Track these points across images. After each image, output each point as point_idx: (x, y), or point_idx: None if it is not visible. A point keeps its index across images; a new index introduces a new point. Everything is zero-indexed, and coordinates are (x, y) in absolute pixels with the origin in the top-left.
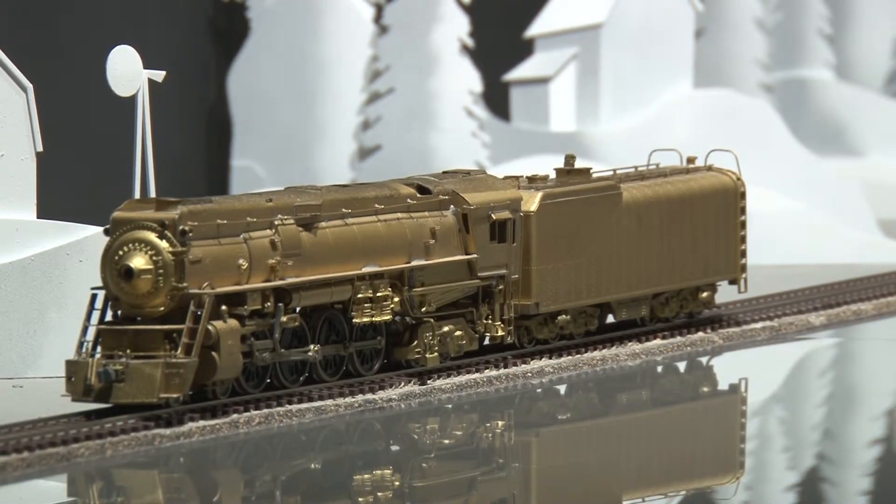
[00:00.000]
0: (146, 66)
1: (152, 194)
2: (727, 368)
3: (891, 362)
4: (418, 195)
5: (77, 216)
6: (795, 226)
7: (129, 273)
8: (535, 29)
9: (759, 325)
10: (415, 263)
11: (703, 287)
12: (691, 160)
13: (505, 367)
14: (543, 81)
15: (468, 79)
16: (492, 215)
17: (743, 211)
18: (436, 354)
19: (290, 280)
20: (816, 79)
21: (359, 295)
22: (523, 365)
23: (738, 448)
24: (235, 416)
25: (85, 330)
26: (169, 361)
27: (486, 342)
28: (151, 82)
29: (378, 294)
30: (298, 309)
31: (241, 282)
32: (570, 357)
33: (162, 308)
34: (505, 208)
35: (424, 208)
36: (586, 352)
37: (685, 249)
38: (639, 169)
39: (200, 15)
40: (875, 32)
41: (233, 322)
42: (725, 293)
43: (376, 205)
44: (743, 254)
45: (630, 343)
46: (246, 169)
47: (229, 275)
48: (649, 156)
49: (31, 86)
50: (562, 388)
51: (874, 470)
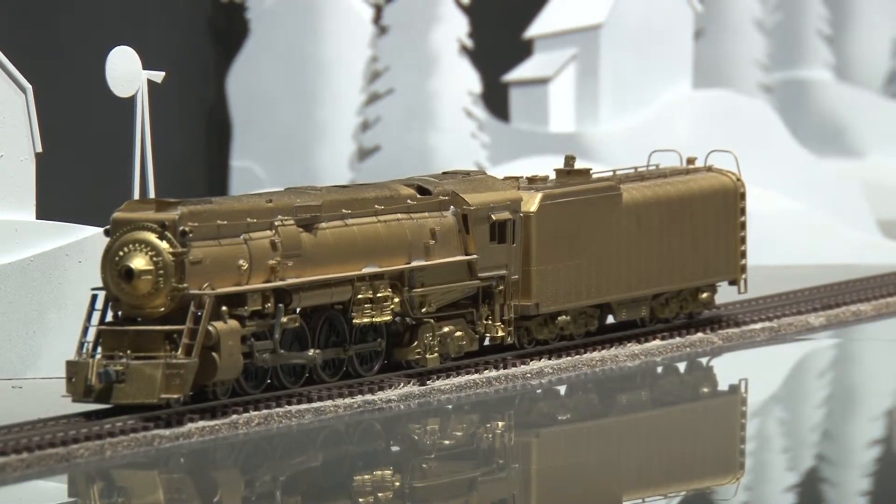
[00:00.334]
0: (145, 67)
1: (152, 195)
2: (727, 369)
3: (890, 363)
4: (418, 196)
5: (76, 217)
6: (795, 226)
7: (130, 274)
8: (535, 29)
9: (759, 326)
10: (415, 264)
11: (703, 288)
12: (691, 161)
13: (504, 368)
14: (543, 82)
15: (467, 79)
16: (492, 216)
17: (743, 211)
18: (436, 355)
19: (291, 281)
20: (816, 79)
21: (359, 295)
22: (522, 366)
23: (739, 448)
24: (235, 417)
25: (85, 330)
26: (169, 362)
27: (487, 343)
28: (151, 83)
29: (378, 295)
30: (299, 309)
31: (242, 282)
32: (570, 358)
33: (162, 309)
34: (505, 209)
35: (424, 209)
36: (585, 352)
37: (685, 250)
38: (638, 170)
39: (200, 15)
40: (874, 33)
41: (233, 323)
42: (724, 294)
43: (376, 205)
44: (743, 254)
45: (629, 344)
46: (245, 169)
47: (229, 275)
48: (649, 156)
49: (31, 86)
50: (562, 389)
51: (874, 471)
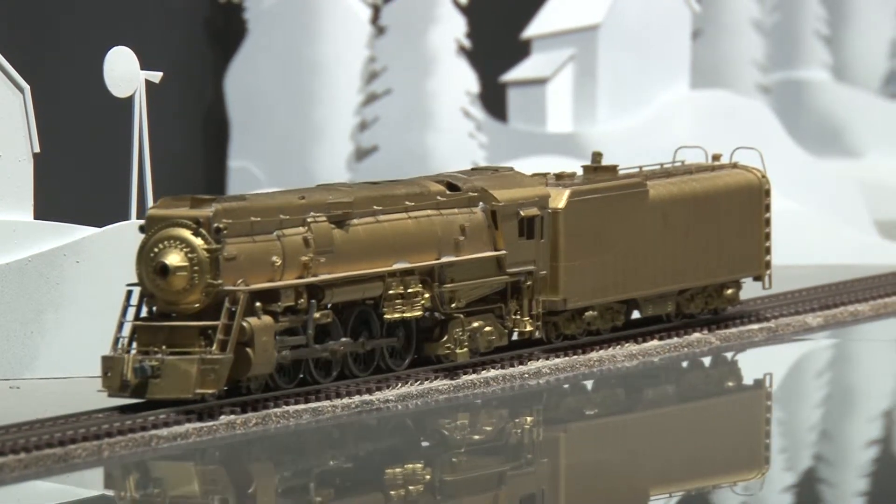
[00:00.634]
0: (143, 67)
1: (149, 195)
2: (726, 368)
3: (888, 363)
4: (448, 192)
5: (74, 217)
6: (793, 226)
7: (165, 270)
8: (533, 30)
9: (756, 327)
10: (445, 260)
11: (728, 284)
12: (716, 157)
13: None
14: (541, 82)
15: (465, 79)
16: (520, 212)
17: (768, 208)
18: (466, 350)
19: (323, 277)
20: (813, 80)
21: (390, 291)
22: (520, 366)
23: (764, 443)
24: (233, 417)
25: (120, 326)
26: (204, 358)
27: (515, 337)
28: (148, 83)
29: (409, 290)
30: (330, 305)
31: (275, 279)
32: (567, 358)
33: (197, 305)
34: (533, 205)
35: (454, 205)
36: (583, 353)
37: (711, 246)
38: (664, 166)
39: (198, 16)
40: (872, 33)
41: (267, 318)
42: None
43: (407, 202)
44: (767, 250)
45: (627, 344)
46: (243, 170)
47: (263, 272)
48: (674, 153)
49: (28, 87)
50: (588, 384)
51: (871, 471)
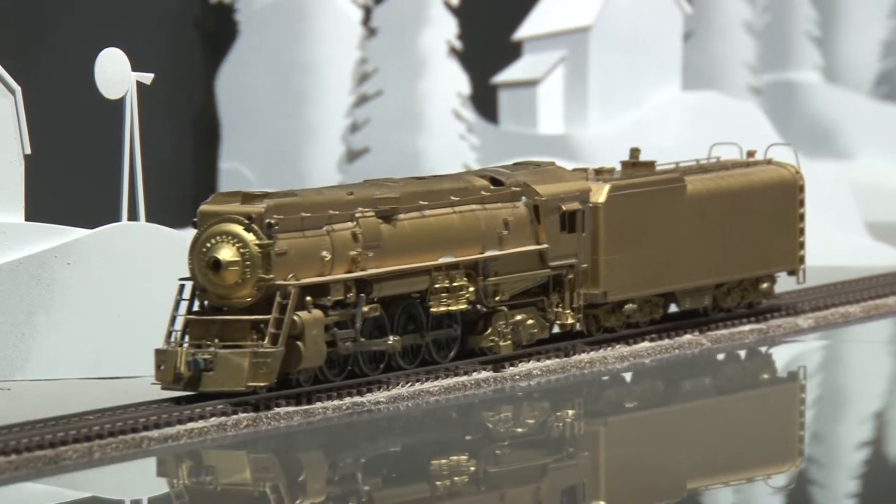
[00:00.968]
0: (134, 69)
1: (140, 197)
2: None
3: (878, 365)
4: (491, 187)
5: (65, 219)
6: None
7: (217, 264)
8: (524, 31)
9: (747, 328)
10: (489, 254)
11: (763, 278)
12: (751, 154)
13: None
14: (532, 84)
15: (456, 81)
16: (562, 206)
17: (802, 203)
18: (509, 342)
19: (371, 271)
20: (805, 81)
21: (436, 285)
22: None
23: (798, 436)
24: (233, 418)
25: (173, 320)
26: (256, 351)
27: (556, 330)
28: (139, 85)
29: (454, 284)
30: (377, 299)
31: (325, 273)
32: (559, 360)
33: (249, 299)
34: (574, 199)
35: (497, 200)
36: (574, 354)
37: (746, 241)
38: (700, 162)
39: (188, 17)
40: (863, 35)
41: (317, 312)
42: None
43: (452, 197)
44: (801, 245)
45: (618, 346)
46: (234, 171)
47: (313, 266)
48: (710, 149)
49: (20, 88)
50: (627, 376)
51: (862, 472)
